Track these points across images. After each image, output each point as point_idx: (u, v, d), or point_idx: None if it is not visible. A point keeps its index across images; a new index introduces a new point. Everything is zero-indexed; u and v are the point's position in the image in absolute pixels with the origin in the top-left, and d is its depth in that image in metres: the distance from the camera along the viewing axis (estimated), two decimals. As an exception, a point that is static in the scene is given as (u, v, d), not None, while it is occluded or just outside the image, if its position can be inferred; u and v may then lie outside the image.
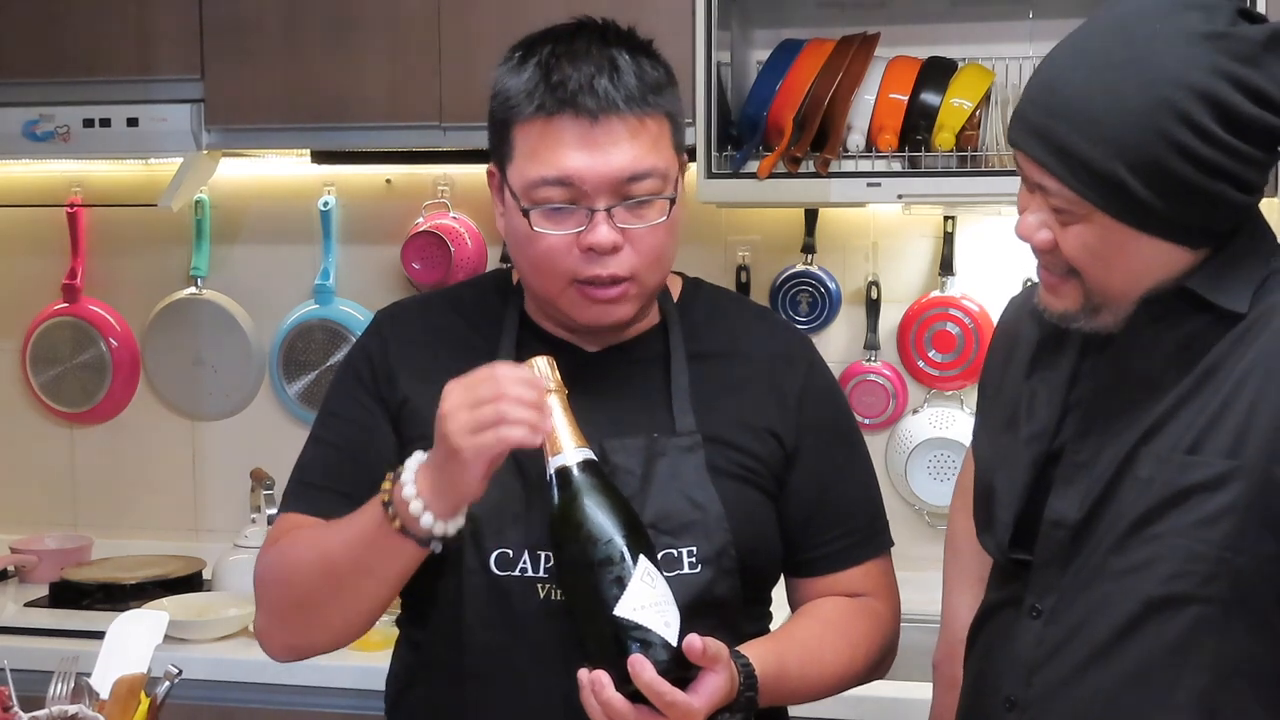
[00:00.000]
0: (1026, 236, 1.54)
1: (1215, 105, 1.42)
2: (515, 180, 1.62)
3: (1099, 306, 1.53)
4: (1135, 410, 1.53)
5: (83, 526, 3.31)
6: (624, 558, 1.47)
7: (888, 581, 1.80)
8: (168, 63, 2.88)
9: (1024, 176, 1.53)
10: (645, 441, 1.65)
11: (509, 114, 1.62)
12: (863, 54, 2.65)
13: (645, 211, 1.61)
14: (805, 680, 1.67)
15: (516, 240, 1.65)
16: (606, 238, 1.59)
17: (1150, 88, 1.42)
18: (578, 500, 1.50)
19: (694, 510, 1.64)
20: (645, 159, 1.60)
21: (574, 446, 1.51)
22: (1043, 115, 1.48)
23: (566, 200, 1.59)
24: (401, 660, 1.77)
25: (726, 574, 1.65)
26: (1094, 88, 1.44)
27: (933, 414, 2.97)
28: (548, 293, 1.65)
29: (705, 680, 1.48)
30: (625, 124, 1.59)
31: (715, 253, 3.04)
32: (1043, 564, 1.58)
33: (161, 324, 3.26)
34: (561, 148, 1.58)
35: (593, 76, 1.59)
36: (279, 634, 1.72)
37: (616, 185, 1.59)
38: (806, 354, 1.80)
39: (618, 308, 1.64)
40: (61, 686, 1.69)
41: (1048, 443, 1.61)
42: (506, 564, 1.63)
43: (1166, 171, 1.43)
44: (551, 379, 1.53)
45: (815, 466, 1.74)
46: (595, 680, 1.45)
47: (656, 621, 1.46)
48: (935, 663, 1.89)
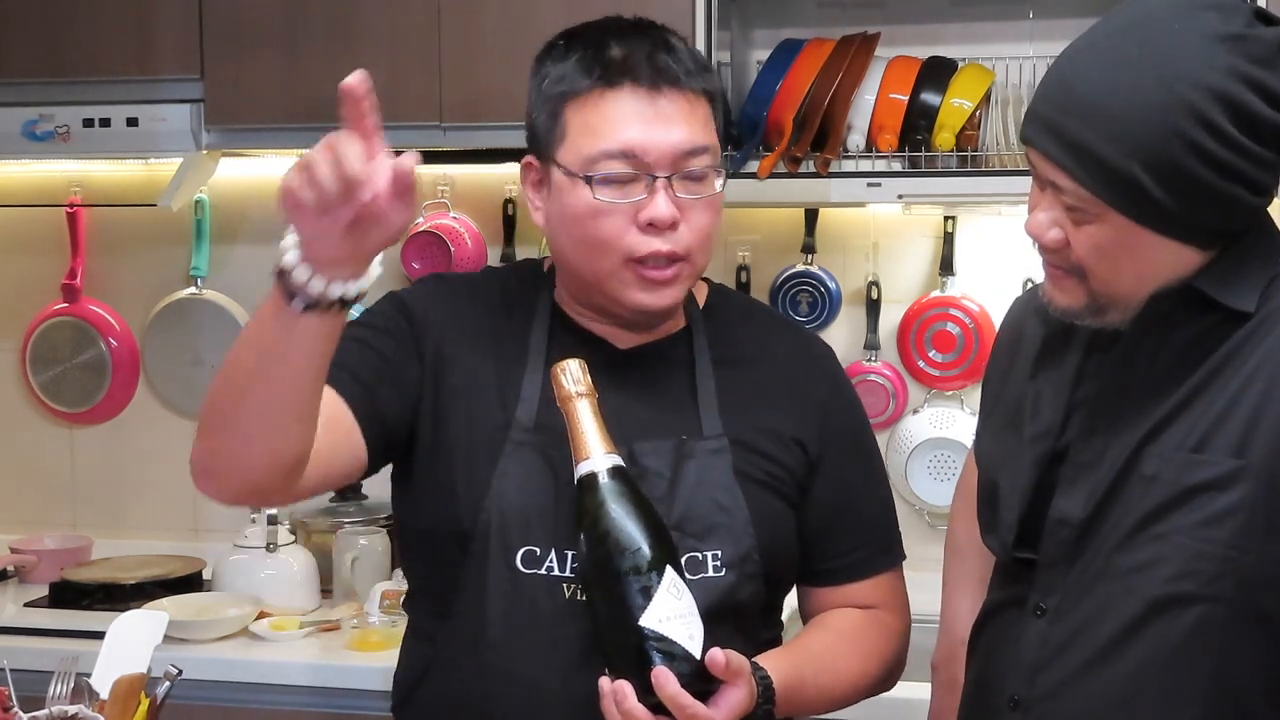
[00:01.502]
0: (1037, 235, 1.53)
1: (1231, 106, 1.42)
2: (570, 158, 1.61)
3: (1104, 306, 1.53)
4: (1140, 409, 1.53)
5: (82, 526, 3.31)
6: (650, 568, 1.47)
7: (900, 594, 1.81)
8: (168, 63, 2.88)
9: (1036, 174, 1.53)
10: (674, 443, 1.65)
11: (563, 91, 1.62)
12: (863, 54, 2.65)
13: (700, 186, 1.63)
14: (820, 692, 1.68)
15: (570, 220, 1.63)
16: (666, 210, 1.59)
17: (1167, 87, 1.42)
18: (605, 507, 1.49)
19: (720, 513, 1.64)
20: (700, 135, 1.62)
21: (603, 452, 1.51)
22: (1057, 112, 1.47)
23: (628, 170, 1.59)
24: (415, 655, 1.74)
25: (750, 579, 1.65)
26: (1110, 86, 1.44)
27: (933, 414, 2.97)
28: (598, 273, 1.63)
29: (726, 694, 1.48)
30: (685, 98, 1.61)
31: (715, 253, 3.02)
32: (1048, 563, 1.58)
33: (161, 324, 3.26)
34: (623, 120, 1.59)
35: (650, 51, 1.61)
36: (197, 450, 1.55)
37: (676, 158, 1.60)
38: (831, 366, 1.82)
39: (669, 290, 1.64)
40: (61, 686, 1.69)
41: (1052, 441, 1.60)
42: (533, 562, 1.62)
43: (1181, 171, 1.42)
44: (583, 382, 1.52)
45: (836, 478, 1.74)
46: (618, 690, 1.45)
47: (681, 634, 1.46)
48: (935, 664, 1.89)
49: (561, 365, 1.53)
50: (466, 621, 1.65)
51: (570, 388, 1.52)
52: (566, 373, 1.52)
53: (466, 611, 1.65)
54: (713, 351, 1.73)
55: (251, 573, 2.83)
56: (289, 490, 1.57)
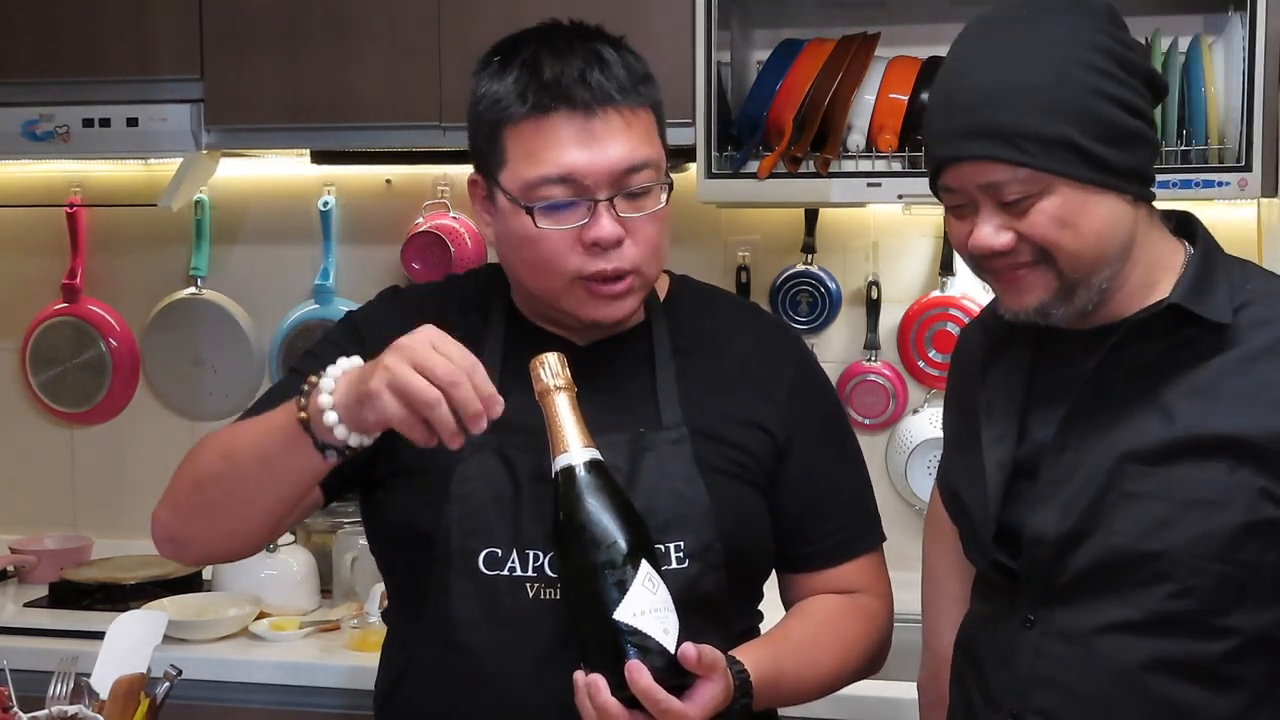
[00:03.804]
0: (988, 245, 1.55)
1: (1112, 55, 1.52)
2: (511, 183, 1.61)
3: (1073, 285, 1.54)
4: (1116, 425, 1.54)
5: (82, 526, 3.31)
6: (626, 562, 1.47)
7: (881, 576, 1.80)
8: (168, 63, 2.88)
9: (960, 191, 1.55)
10: (631, 437, 1.65)
11: (499, 117, 1.61)
12: (863, 54, 2.65)
13: (643, 202, 1.62)
14: (800, 682, 1.68)
15: (514, 243, 1.64)
16: (610, 230, 1.59)
17: (1066, 53, 1.51)
18: (582, 501, 1.49)
19: (681, 504, 1.64)
20: (640, 150, 1.61)
21: (581, 446, 1.51)
22: (975, 113, 1.51)
23: (568, 197, 1.59)
24: (391, 659, 1.76)
25: (713, 568, 1.65)
26: (1019, 68, 1.51)
27: (933, 414, 2.96)
28: (550, 291, 1.64)
29: (701, 688, 1.49)
30: (620, 115, 1.60)
31: (715, 253, 3.04)
32: (1030, 577, 1.58)
33: (161, 324, 3.26)
34: (560, 145, 1.58)
35: (583, 70, 1.59)
36: (167, 516, 1.69)
37: (616, 178, 1.60)
38: (795, 348, 1.81)
39: (623, 302, 1.64)
40: (61, 687, 1.69)
41: (1013, 443, 1.61)
42: (495, 563, 1.63)
43: (1102, 119, 1.50)
44: (561, 375, 1.52)
45: (808, 461, 1.74)
46: (591, 684, 1.45)
47: (656, 628, 1.46)
48: (920, 684, 1.88)
49: (540, 358, 1.53)
50: (435, 626, 1.66)
51: (548, 381, 1.52)
52: (545, 366, 1.52)
53: (435, 616, 1.66)
54: (674, 342, 1.73)
55: (251, 573, 2.82)
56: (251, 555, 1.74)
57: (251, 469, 1.57)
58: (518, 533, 1.63)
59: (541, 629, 1.61)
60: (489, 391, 1.44)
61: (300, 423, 1.49)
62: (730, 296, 1.93)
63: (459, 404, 1.42)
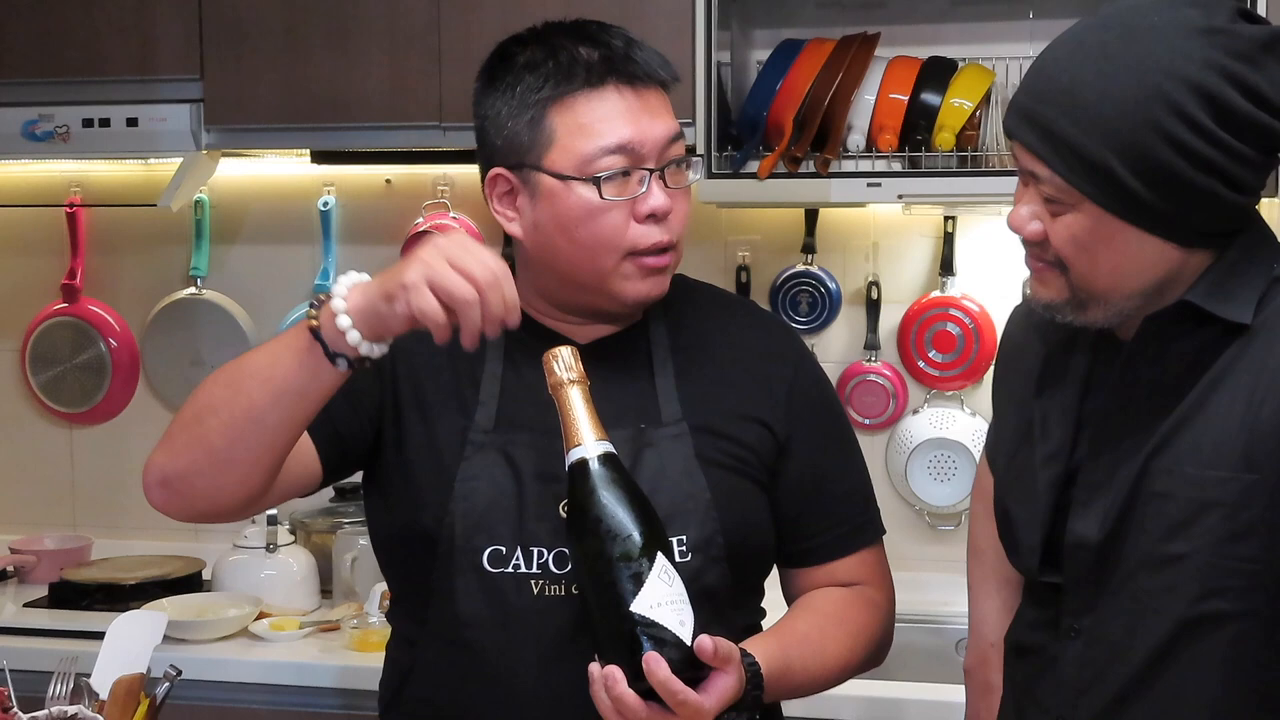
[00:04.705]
0: (1018, 228, 1.54)
1: (1208, 98, 1.41)
2: (564, 162, 1.62)
3: (1084, 301, 1.52)
4: (1144, 426, 1.52)
5: (82, 526, 3.31)
6: (642, 554, 1.47)
7: (882, 569, 1.82)
8: (167, 63, 2.88)
9: (1019, 166, 1.53)
10: (632, 433, 1.66)
11: (545, 96, 1.62)
12: (863, 54, 2.65)
13: (681, 175, 1.67)
14: (808, 674, 1.68)
15: (568, 223, 1.63)
16: (665, 200, 1.63)
17: (1143, 77, 1.42)
18: (597, 494, 1.49)
19: (682, 499, 1.65)
20: (675, 124, 1.67)
21: (594, 439, 1.51)
22: (1036, 101, 1.48)
23: (624, 166, 1.62)
24: (396, 659, 1.77)
25: (715, 562, 1.66)
26: (1086, 75, 1.44)
27: (933, 414, 2.97)
28: (600, 271, 1.65)
29: (716, 680, 1.49)
30: (658, 91, 1.66)
31: (715, 253, 3.04)
32: (1074, 585, 1.57)
33: (161, 324, 3.26)
34: (614, 116, 1.62)
35: (625, 47, 1.64)
36: (163, 457, 1.66)
37: (663, 148, 1.64)
38: (794, 346, 1.82)
39: (664, 278, 1.68)
40: (61, 687, 1.69)
41: (1064, 462, 1.59)
42: (499, 561, 1.64)
43: (1156, 162, 1.42)
44: (574, 369, 1.53)
45: (808, 456, 1.75)
46: (608, 675, 1.46)
47: (672, 620, 1.46)
48: (967, 669, 1.86)
49: (554, 352, 1.53)
50: (441, 624, 1.66)
51: (562, 374, 1.52)
52: (559, 359, 1.53)
53: (440, 614, 1.66)
54: (672, 339, 1.74)
55: (251, 573, 2.83)
56: (242, 516, 1.67)
57: (256, 391, 1.54)
58: (521, 530, 1.63)
59: (546, 626, 1.61)
60: (514, 301, 1.48)
61: (311, 331, 1.50)
62: (729, 294, 1.94)
63: (489, 306, 1.45)
